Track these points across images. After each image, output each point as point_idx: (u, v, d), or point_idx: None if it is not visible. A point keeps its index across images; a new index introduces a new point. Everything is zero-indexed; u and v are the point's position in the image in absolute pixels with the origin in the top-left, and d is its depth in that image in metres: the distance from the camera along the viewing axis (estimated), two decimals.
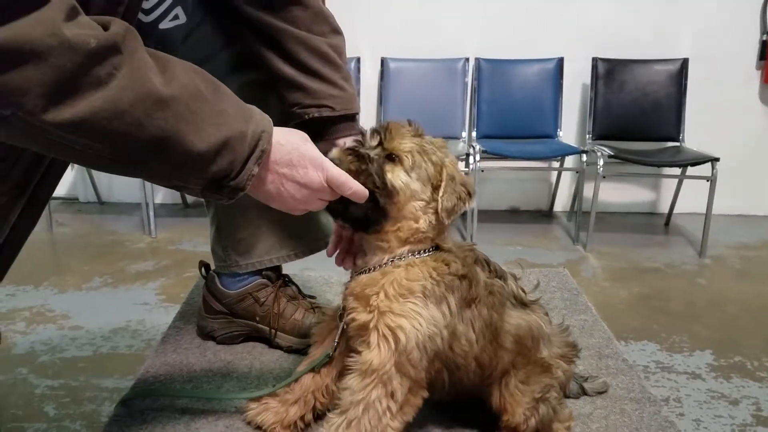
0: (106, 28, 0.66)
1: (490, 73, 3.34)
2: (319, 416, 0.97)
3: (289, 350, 1.24)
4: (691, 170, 3.17)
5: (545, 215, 3.63)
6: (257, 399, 0.99)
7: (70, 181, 3.78)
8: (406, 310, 0.81)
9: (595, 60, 3.29)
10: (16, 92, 0.61)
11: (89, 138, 0.67)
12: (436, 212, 0.86)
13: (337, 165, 0.83)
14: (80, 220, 3.52)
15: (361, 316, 0.85)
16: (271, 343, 1.26)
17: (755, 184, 3.61)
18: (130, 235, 3.23)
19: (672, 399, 1.86)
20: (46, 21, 0.60)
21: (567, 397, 1.04)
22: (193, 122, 0.72)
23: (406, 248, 0.87)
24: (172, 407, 1.05)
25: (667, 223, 3.51)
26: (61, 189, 3.78)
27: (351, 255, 0.95)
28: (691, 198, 3.36)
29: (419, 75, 3.38)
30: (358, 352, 0.84)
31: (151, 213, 3.19)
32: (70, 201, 3.79)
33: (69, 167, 0.99)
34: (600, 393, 1.11)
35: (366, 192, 0.83)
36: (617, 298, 2.56)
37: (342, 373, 0.89)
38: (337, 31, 1.13)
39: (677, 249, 3.14)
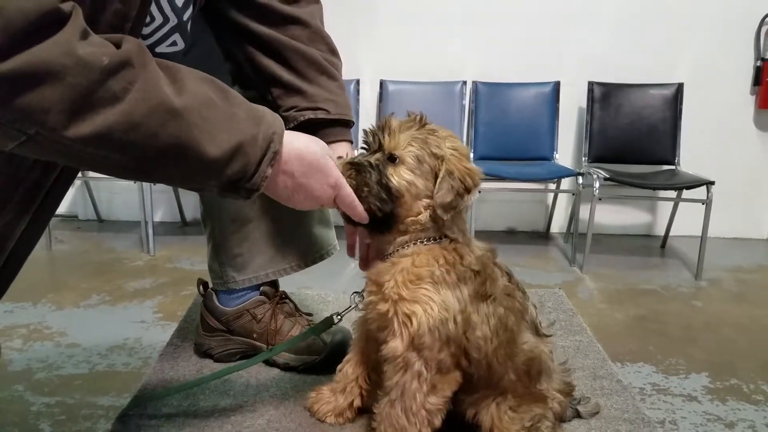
0: (118, 45, 0.69)
1: (488, 96, 3.39)
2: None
3: (286, 367, 1.24)
4: (686, 193, 3.20)
5: (542, 236, 3.65)
6: (315, 388, 1.09)
7: (69, 198, 3.80)
8: (418, 295, 0.85)
9: (591, 84, 3.34)
10: (38, 112, 0.64)
11: (108, 149, 0.70)
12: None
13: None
14: (79, 237, 3.54)
15: (380, 306, 0.88)
16: (267, 361, 1.26)
17: (750, 208, 3.64)
18: (129, 253, 3.24)
19: (668, 421, 1.86)
20: (62, 43, 0.63)
21: (562, 421, 1.04)
22: (206, 129, 0.75)
23: (407, 237, 0.90)
24: (169, 423, 1.05)
25: (663, 246, 3.53)
26: (61, 206, 3.75)
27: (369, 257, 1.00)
28: (687, 221, 3.39)
29: (418, 97, 3.42)
30: (380, 340, 0.90)
31: (150, 231, 3.21)
32: (69, 218, 3.80)
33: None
34: (594, 414, 1.11)
35: (366, 218, 0.87)
36: (613, 320, 2.57)
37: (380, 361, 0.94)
38: (334, 52, 1.17)
39: (673, 271, 3.16)
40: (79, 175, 3.56)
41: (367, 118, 3.51)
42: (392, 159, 0.86)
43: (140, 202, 3.19)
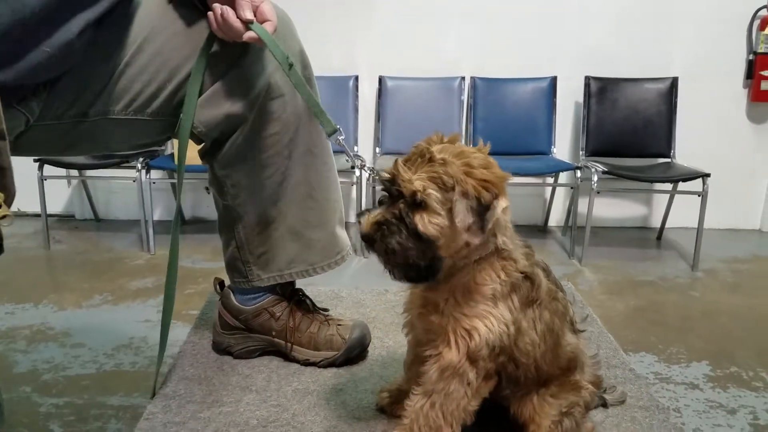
0: None
1: (486, 91, 3.41)
2: None
3: (306, 363, 1.26)
4: (682, 185, 3.23)
5: (540, 230, 3.68)
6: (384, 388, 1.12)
7: (66, 198, 3.78)
8: (479, 311, 0.86)
9: (587, 79, 3.37)
10: None
11: None
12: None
13: (371, 246, 0.84)
14: (77, 237, 3.52)
15: (433, 317, 0.89)
16: (287, 357, 1.28)
17: (744, 199, 3.69)
18: (129, 252, 3.23)
19: (672, 409, 1.89)
20: None
21: (588, 409, 1.07)
22: None
23: (459, 256, 0.88)
24: (194, 419, 1.07)
25: (659, 237, 3.57)
26: (58, 206, 3.78)
27: None
28: (683, 213, 3.44)
29: (416, 93, 3.44)
30: (423, 342, 0.91)
31: (150, 230, 3.20)
32: (66, 218, 3.78)
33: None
34: (621, 402, 1.14)
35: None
36: (614, 311, 2.60)
37: (419, 359, 0.95)
38: None
39: (670, 262, 3.20)
40: (75, 173, 3.55)
41: (366, 114, 3.52)
42: (416, 205, 0.82)
43: (139, 200, 3.18)
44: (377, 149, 3.47)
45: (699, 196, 3.04)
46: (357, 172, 3.21)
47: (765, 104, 3.51)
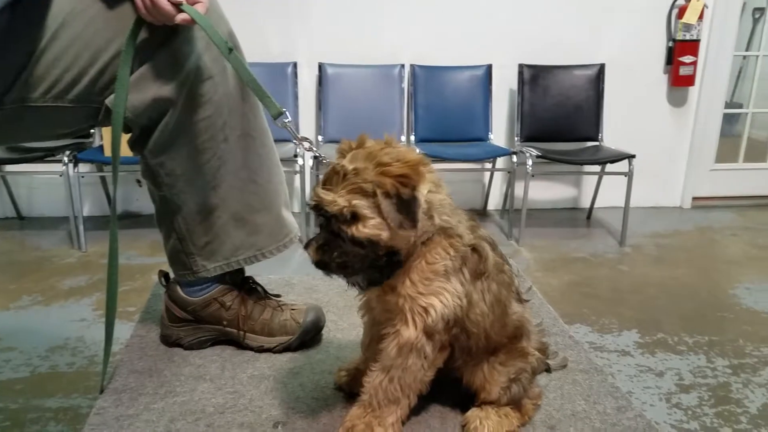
0: None
1: (425, 79, 3.45)
2: None
3: (260, 350, 1.25)
4: (609, 167, 3.41)
5: (480, 214, 3.78)
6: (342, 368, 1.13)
7: None
8: (434, 289, 0.88)
9: (521, 66, 3.47)
10: None
11: None
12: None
13: (326, 270, 0.87)
14: None
15: (389, 297, 0.91)
16: (241, 345, 1.27)
17: (666, 178, 3.93)
18: (58, 250, 3.08)
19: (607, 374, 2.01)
20: None
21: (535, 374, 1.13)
22: None
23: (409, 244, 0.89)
24: (148, 411, 1.05)
25: (588, 217, 3.75)
26: None
27: None
28: (611, 193, 3.63)
29: (357, 81, 3.43)
30: (381, 321, 0.94)
31: (80, 226, 3.06)
32: None
33: None
34: (563, 367, 1.21)
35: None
36: (550, 286, 2.72)
37: (376, 338, 0.97)
38: None
39: (600, 240, 3.37)
40: None
41: (306, 102, 3.49)
42: (348, 219, 0.83)
43: (67, 196, 3.03)
44: (320, 137, 3.45)
45: (625, 176, 3.21)
46: (300, 160, 3.19)
47: (684, 88, 3.74)
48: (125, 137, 1.20)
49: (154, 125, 1.13)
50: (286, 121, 1.11)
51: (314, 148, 1.18)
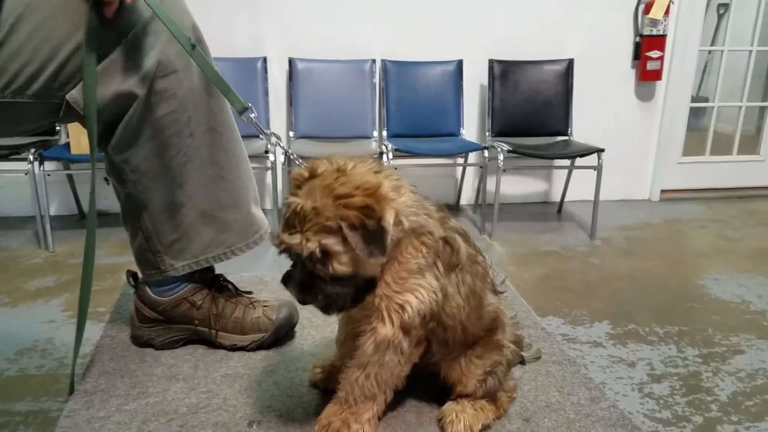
0: None
1: (396, 74, 3.45)
2: None
3: (233, 348, 1.24)
4: (579, 161, 3.46)
5: (452, 209, 3.81)
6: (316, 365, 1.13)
7: None
8: (409, 286, 0.88)
9: (491, 62, 3.50)
10: None
11: None
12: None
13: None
14: None
15: (366, 297, 0.90)
16: (213, 344, 1.25)
17: (635, 172, 4.01)
18: (24, 251, 3.01)
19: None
20: None
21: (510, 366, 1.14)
22: None
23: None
24: (120, 412, 1.03)
25: (559, 211, 3.81)
26: None
27: None
28: (580, 186, 3.69)
29: (328, 75, 3.42)
30: (357, 318, 0.94)
31: (47, 226, 2.99)
32: None
33: None
34: (536, 359, 1.22)
35: None
36: (522, 280, 2.76)
37: (351, 335, 0.97)
38: None
39: (570, 233, 3.42)
40: None
41: (276, 97, 3.46)
42: (321, 258, 0.82)
43: (33, 195, 2.96)
44: (291, 133, 3.43)
45: (595, 170, 3.26)
46: (272, 157, 3.16)
47: (651, 83, 3.81)
48: (87, 133, 1.18)
49: (117, 121, 1.11)
50: (252, 116, 1.10)
51: (281, 144, 1.17)
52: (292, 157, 0.99)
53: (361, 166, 0.86)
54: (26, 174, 2.94)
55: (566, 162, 3.63)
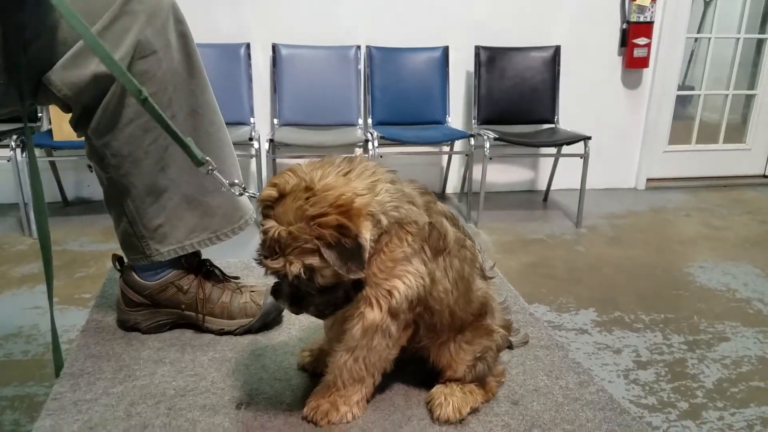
0: None
1: (381, 60, 3.43)
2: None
3: (220, 333, 1.23)
4: (566, 149, 3.47)
5: (438, 197, 3.80)
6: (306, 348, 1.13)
7: None
8: (396, 273, 0.88)
9: (477, 48, 3.49)
10: None
11: None
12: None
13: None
14: None
15: None
16: (201, 329, 1.25)
17: (621, 160, 4.04)
18: (7, 238, 2.97)
19: None
20: None
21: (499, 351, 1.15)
22: None
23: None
24: (107, 395, 1.02)
25: (545, 199, 3.83)
26: None
27: None
28: (566, 175, 3.70)
29: (312, 62, 3.39)
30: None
31: (31, 213, 2.95)
32: None
33: None
34: (524, 344, 1.23)
35: None
36: (508, 267, 2.77)
37: (339, 319, 0.96)
38: None
39: (556, 221, 3.44)
40: None
41: (260, 84, 3.43)
42: (304, 275, 0.82)
43: (16, 181, 2.92)
44: (275, 120, 3.40)
45: (581, 158, 3.28)
46: (256, 144, 3.14)
47: (638, 70, 3.82)
48: (67, 118, 1.16)
49: (96, 104, 1.09)
50: (210, 169, 1.08)
51: (248, 191, 1.16)
52: (257, 201, 0.92)
53: (329, 170, 0.84)
54: (9, 161, 2.90)
55: (552, 150, 3.64)
